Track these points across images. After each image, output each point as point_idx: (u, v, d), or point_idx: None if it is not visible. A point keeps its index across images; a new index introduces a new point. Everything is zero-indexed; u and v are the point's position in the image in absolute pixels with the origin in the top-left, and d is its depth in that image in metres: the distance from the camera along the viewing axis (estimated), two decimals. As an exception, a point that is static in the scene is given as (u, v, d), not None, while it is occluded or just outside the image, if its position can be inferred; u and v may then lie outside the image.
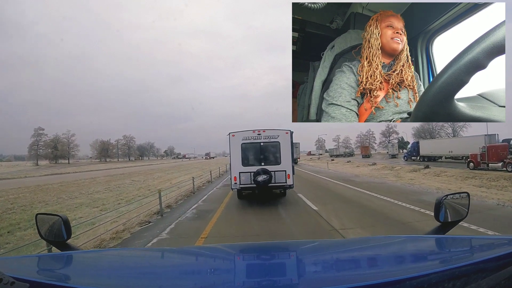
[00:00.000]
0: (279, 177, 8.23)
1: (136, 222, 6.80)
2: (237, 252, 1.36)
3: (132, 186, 17.40)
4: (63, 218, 1.28)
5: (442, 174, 16.70)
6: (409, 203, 8.07)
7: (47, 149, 73.01)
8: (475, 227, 5.19)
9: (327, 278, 0.91)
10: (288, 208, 8.04)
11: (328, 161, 38.86)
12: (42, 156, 72.45)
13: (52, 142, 73.38)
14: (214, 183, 16.58)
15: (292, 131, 8.53)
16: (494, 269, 0.67)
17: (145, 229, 6.46)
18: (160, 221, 7.13)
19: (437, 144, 33.44)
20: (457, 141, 30.42)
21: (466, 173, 16.12)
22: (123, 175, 27.83)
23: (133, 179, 22.35)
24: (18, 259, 1.34)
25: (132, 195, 13.22)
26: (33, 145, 71.86)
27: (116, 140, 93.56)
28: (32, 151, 72.07)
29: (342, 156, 62.10)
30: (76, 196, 14.06)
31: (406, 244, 1.34)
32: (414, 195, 9.66)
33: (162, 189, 9.13)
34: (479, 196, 8.81)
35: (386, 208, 7.64)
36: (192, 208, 8.82)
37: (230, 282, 0.92)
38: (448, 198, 1.37)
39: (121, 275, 0.99)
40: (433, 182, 13.63)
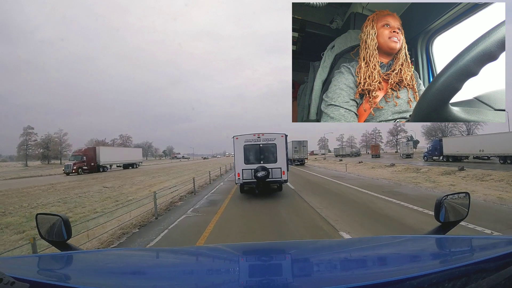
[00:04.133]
0: (276, 173, 9.74)
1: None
2: (237, 252, 1.36)
3: (98, 196, 13.24)
4: (63, 218, 1.29)
5: (486, 177, 13.16)
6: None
7: (37, 149, 68.61)
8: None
9: (328, 278, 0.91)
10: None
11: (336, 162, 36.47)
12: (32, 157, 68.14)
13: (43, 142, 69.11)
14: (203, 192, 12.49)
15: (286, 135, 10.20)
16: (495, 269, 0.67)
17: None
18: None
19: (464, 142, 29.27)
20: (491, 138, 25.37)
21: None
22: (96, 179, 22.49)
23: (106, 185, 17.59)
24: (18, 259, 1.34)
25: (87, 210, 9.57)
26: (22, 144, 67.35)
27: (112, 140, 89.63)
28: (21, 151, 67.67)
29: (348, 156, 60.14)
30: (10, 211, 9.93)
31: (406, 244, 1.34)
32: (500, 214, 6.70)
33: (133, 200, 7.56)
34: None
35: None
36: (151, 243, 5.39)
37: (230, 282, 0.92)
38: (448, 198, 1.37)
39: (121, 275, 0.99)
40: (485, 189, 10.27)
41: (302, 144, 33.13)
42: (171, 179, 20.07)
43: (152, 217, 7.51)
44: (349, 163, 31.19)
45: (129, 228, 6.43)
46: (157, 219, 7.44)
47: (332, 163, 34.76)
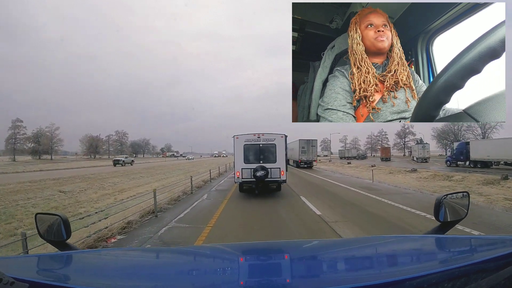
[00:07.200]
0: (275, 173, 9.86)
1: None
2: (237, 252, 1.36)
3: (42, 205, 9.83)
4: (62, 218, 1.28)
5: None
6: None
7: (26, 143, 65.25)
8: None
9: (327, 278, 0.91)
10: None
11: (344, 165, 33.16)
12: (21, 151, 64.68)
13: (34, 136, 65.90)
14: (176, 209, 8.01)
15: (286, 135, 10.25)
16: (494, 269, 0.67)
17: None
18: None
19: (497, 145, 25.14)
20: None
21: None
22: (58, 180, 17.60)
23: (65, 189, 13.67)
24: (17, 259, 1.34)
25: (10, 228, 6.71)
26: (10, 138, 63.81)
27: (107, 136, 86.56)
28: (9, 145, 64.06)
29: (355, 159, 56.39)
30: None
31: (405, 244, 1.34)
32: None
33: (83, 214, 5.27)
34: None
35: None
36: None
37: (230, 282, 0.92)
38: (448, 197, 1.36)
39: (121, 275, 0.99)
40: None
41: (311, 143, 27.96)
42: (153, 182, 16.72)
43: (119, 232, 5.11)
44: (360, 166, 28.17)
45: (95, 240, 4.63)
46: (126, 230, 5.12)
47: (340, 166, 31.06)
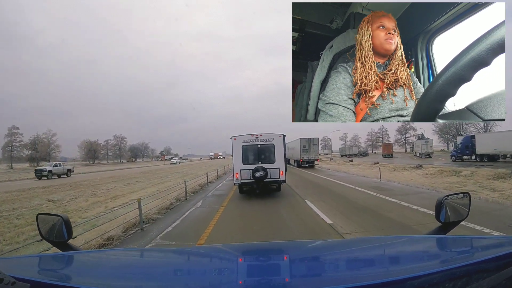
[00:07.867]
0: (274, 173, 9.80)
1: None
2: (237, 252, 1.36)
3: (27, 216, 9.05)
4: (64, 218, 1.28)
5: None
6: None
7: (23, 150, 63.73)
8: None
9: (327, 278, 0.91)
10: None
11: (346, 163, 32.23)
12: (18, 158, 63.14)
13: (31, 143, 64.20)
14: (166, 220, 7.17)
15: (284, 135, 10.21)
16: (495, 269, 0.67)
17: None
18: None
19: (504, 138, 23.54)
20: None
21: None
22: (49, 188, 16.80)
23: (54, 197, 12.90)
24: (19, 259, 1.34)
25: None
26: (6, 146, 62.30)
27: (106, 141, 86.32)
28: (6, 152, 62.56)
29: (356, 156, 55.56)
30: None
31: (406, 244, 1.34)
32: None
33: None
34: None
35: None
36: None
37: (230, 282, 0.92)
38: (449, 198, 1.36)
39: (122, 275, 0.99)
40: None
41: (312, 142, 27.22)
42: (149, 187, 16.23)
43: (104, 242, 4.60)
44: (363, 164, 27.37)
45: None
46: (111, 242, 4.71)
47: (342, 165, 30.17)
